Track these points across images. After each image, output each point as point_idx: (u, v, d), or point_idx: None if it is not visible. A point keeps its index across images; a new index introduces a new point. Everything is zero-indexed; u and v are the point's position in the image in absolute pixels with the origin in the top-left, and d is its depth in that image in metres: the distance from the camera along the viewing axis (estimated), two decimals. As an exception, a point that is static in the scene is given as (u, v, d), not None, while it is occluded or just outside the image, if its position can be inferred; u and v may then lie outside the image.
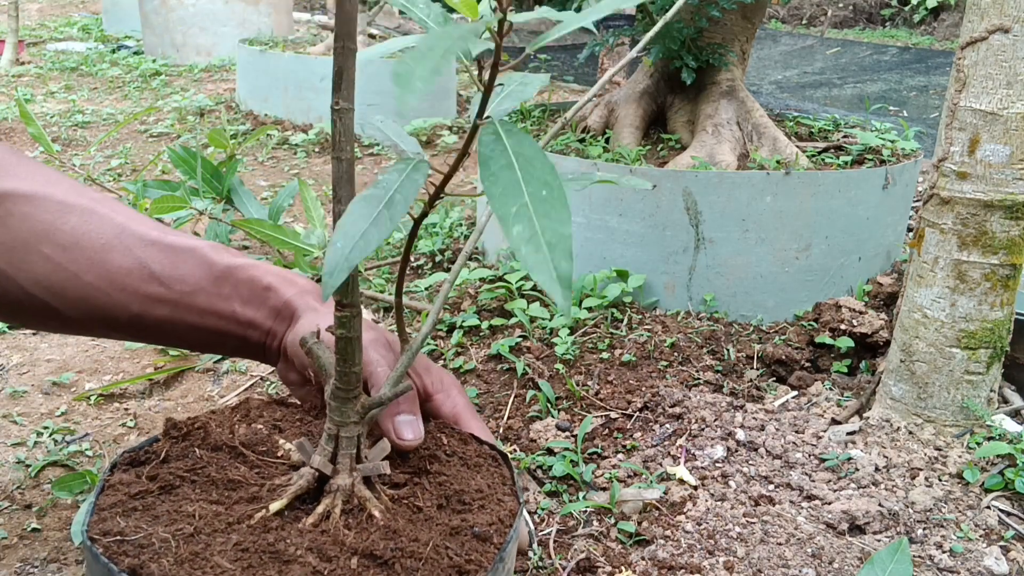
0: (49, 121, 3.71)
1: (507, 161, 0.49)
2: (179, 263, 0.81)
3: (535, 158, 0.49)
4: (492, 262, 1.86)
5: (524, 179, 0.48)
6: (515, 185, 0.48)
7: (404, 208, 0.51)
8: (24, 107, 1.94)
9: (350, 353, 0.63)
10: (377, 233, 0.50)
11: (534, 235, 0.45)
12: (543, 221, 0.46)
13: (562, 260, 0.45)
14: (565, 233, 0.45)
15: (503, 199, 0.47)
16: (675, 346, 1.49)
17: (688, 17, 1.87)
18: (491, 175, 0.48)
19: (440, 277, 1.75)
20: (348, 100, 0.56)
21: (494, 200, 0.47)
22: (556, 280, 0.44)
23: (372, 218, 0.51)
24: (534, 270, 0.44)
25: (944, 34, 7.53)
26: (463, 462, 0.75)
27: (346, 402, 0.65)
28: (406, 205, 0.52)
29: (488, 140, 0.51)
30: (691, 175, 1.58)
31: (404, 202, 0.52)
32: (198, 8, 5.37)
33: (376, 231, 0.50)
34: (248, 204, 2.00)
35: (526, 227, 0.46)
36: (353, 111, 0.57)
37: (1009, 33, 1.11)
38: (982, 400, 1.26)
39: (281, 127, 3.63)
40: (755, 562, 1.01)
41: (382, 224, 0.50)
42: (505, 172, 0.48)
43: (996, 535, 1.09)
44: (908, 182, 1.76)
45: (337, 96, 0.56)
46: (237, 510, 0.64)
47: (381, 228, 0.50)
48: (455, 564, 0.61)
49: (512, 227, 0.46)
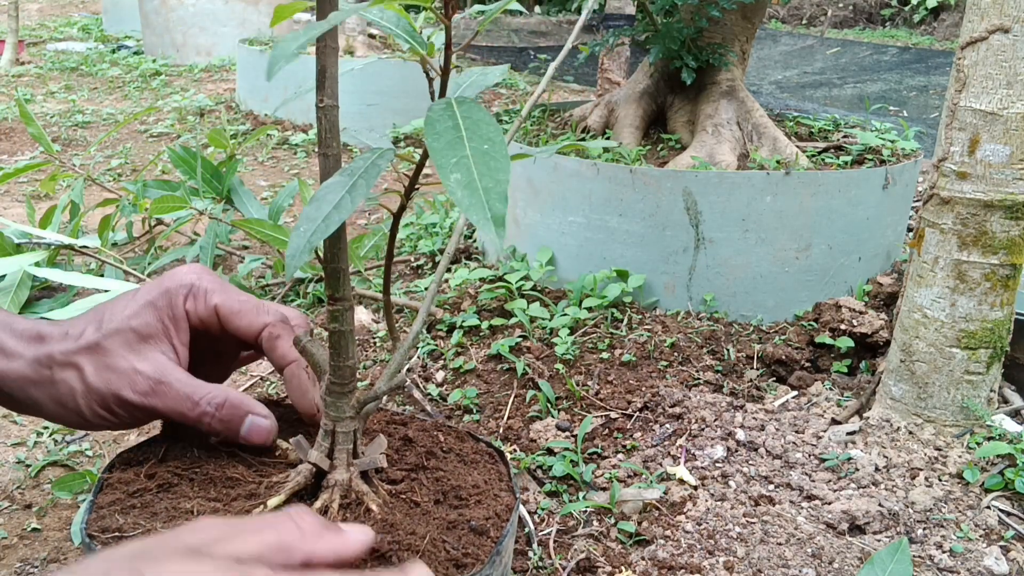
0: (49, 121, 3.71)
1: (454, 123, 0.51)
2: None
3: (483, 121, 0.52)
4: (492, 262, 1.86)
5: (468, 137, 0.50)
6: (458, 142, 0.50)
7: (365, 191, 0.53)
8: (24, 107, 1.94)
9: (344, 347, 0.63)
10: (338, 216, 0.52)
11: (471, 181, 0.48)
12: (481, 169, 0.48)
13: (496, 202, 0.47)
14: (502, 179, 0.48)
15: (444, 152, 0.50)
16: (675, 346, 1.49)
17: (688, 17, 1.87)
18: (435, 134, 0.51)
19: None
20: (332, 97, 0.57)
21: (435, 153, 0.49)
22: (490, 220, 0.46)
23: (335, 203, 0.52)
24: (469, 210, 0.46)
25: (944, 34, 7.53)
26: (460, 458, 0.75)
27: (341, 397, 0.65)
28: (368, 188, 0.53)
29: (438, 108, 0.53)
30: (691, 175, 1.58)
31: (366, 185, 0.53)
32: (198, 8, 5.37)
33: (337, 214, 0.52)
34: (248, 204, 2.00)
35: (464, 175, 0.48)
36: (337, 108, 0.58)
37: (1009, 33, 1.11)
38: (982, 400, 1.25)
39: (281, 127, 3.63)
40: (755, 562, 1.01)
41: (343, 207, 0.52)
42: (450, 131, 0.51)
43: (996, 535, 1.09)
44: (908, 182, 1.76)
45: (321, 94, 0.57)
46: (235, 507, 0.64)
47: (342, 211, 0.52)
48: (452, 558, 0.61)
49: (450, 175, 0.48)
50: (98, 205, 2.09)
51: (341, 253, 0.62)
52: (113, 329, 0.68)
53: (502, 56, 6.04)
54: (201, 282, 0.71)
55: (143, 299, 0.70)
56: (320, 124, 0.58)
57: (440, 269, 0.69)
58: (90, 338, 0.68)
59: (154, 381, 0.67)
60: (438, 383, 1.45)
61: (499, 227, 0.46)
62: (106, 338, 0.68)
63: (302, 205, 2.04)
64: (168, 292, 0.70)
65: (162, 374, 0.67)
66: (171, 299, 0.70)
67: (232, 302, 0.71)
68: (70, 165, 2.18)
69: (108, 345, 0.68)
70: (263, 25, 5.54)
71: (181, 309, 0.70)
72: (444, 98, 0.55)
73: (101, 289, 1.75)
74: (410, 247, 2.04)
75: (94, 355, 0.68)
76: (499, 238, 0.45)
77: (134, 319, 0.69)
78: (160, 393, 0.67)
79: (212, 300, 0.70)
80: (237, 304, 0.71)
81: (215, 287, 0.71)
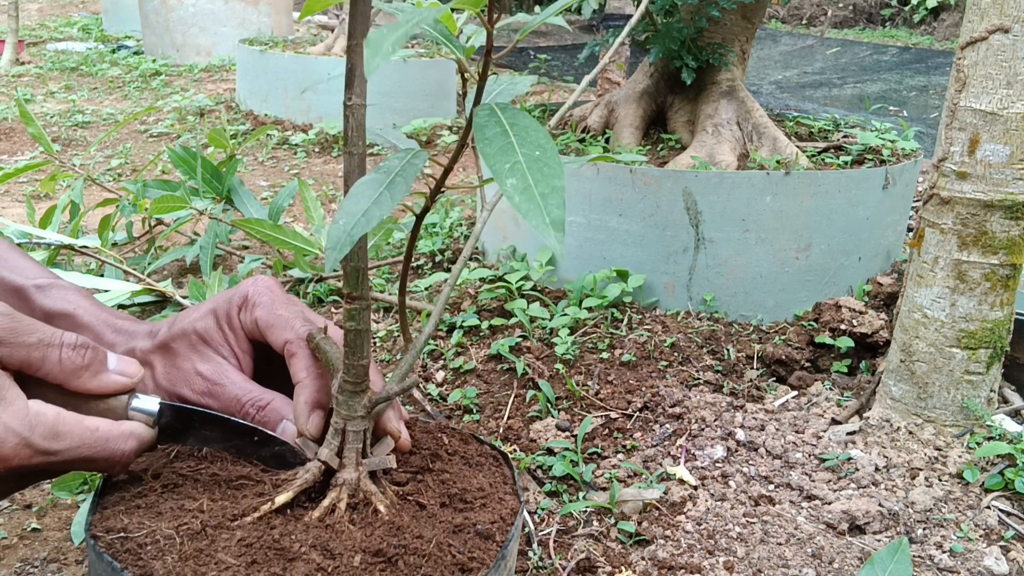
0: (49, 121, 3.71)
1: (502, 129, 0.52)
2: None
3: (530, 127, 0.53)
4: (492, 262, 1.87)
5: (518, 143, 0.51)
6: (509, 147, 0.51)
7: (405, 190, 0.54)
8: (24, 107, 1.94)
9: (359, 346, 0.64)
10: (378, 211, 0.52)
11: (527, 187, 0.49)
12: (536, 175, 0.49)
13: (554, 208, 0.48)
14: (558, 185, 0.49)
15: (497, 157, 0.50)
16: (675, 346, 1.49)
17: (688, 17, 1.87)
18: (486, 139, 0.52)
19: (440, 277, 1.75)
20: (360, 96, 0.58)
21: (488, 158, 0.50)
22: (549, 224, 0.47)
23: (374, 198, 0.53)
24: (528, 215, 0.47)
25: (944, 34, 7.53)
26: (465, 461, 0.75)
27: (353, 395, 0.65)
28: (407, 187, 0.54)
29: (483, 114, 0.54)
30: (691, 175, 1.58)
31: (405, 184, 0.54)
32: (198, 8, 5.37)
33: (377, 209, 0.52)
34: (248, 204, 2.00)
35: (520, 180, 0.49)
36: (365, 107, 0.59)
37: (1009, 33, 1.11)
38: (982, 400, 1.26)
39: (281, 127, 3.63)
40: (755, 562, 1.01)
41: (383, 204, 0.53)
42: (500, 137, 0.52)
43: (996, 535, 1.09)
44: (908, 182, 1.76)
45: (350, 92, 0.58)
46: (242, 505, 0.64)
47: (382, 207, 0.52)
48: (458, 562, 0.61)
49: (506, 180, 0.49)
50: (98, 205, 2.09)
51: (362, 252, 0.62)
52: (180, 331, 0.73)
53: (502, 56, 6.04)
54: (254, 294, 0.75)
55: (209, 305, 0.75)
56: (347, 122, 0.59)
57: (455, 271, 0.69)
58: (163, 338, 0.73)
59: (210, 382, 0.71)
60: (438, 383, 1.45)
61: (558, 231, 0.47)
62: (174, 339, 0.73)
63: (302, 205, 2.03)
64: (228, 301, 0.74)
65: (218, 376, 0.71)
66: (228, 308, 0.74)
67: (269, 315, 0.74)
68: (70, 165, 2.18)
69: (175, 346, 0.73)
70: (263, 25, 5.54)
71: (236, 319, 0.74)
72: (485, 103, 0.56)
73: (101, 289, 1.75)
74: (410, 247, 2.04)
75: (164, 355, 0.73)
76: (559, 243, 0.46)
77: (198, 323, 0.73)
78: (215, 394, 0.71)
79: (255, 313, 0.74)
80: (272, 318, 0.73)
81: (264, 300, 0.74)
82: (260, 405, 0.70)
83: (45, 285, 0.77)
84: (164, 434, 0.68)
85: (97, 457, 0.62)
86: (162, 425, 0.68)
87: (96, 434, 0.61)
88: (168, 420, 0.68)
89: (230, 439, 0.70)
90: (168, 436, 0.69)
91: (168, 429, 0.68)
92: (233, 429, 0.69)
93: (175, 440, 0.69)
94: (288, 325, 0.73)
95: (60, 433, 0.60)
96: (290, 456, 0.69)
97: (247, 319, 0.74)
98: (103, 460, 0.62)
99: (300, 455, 0.68)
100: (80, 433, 0.61)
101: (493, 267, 1.81)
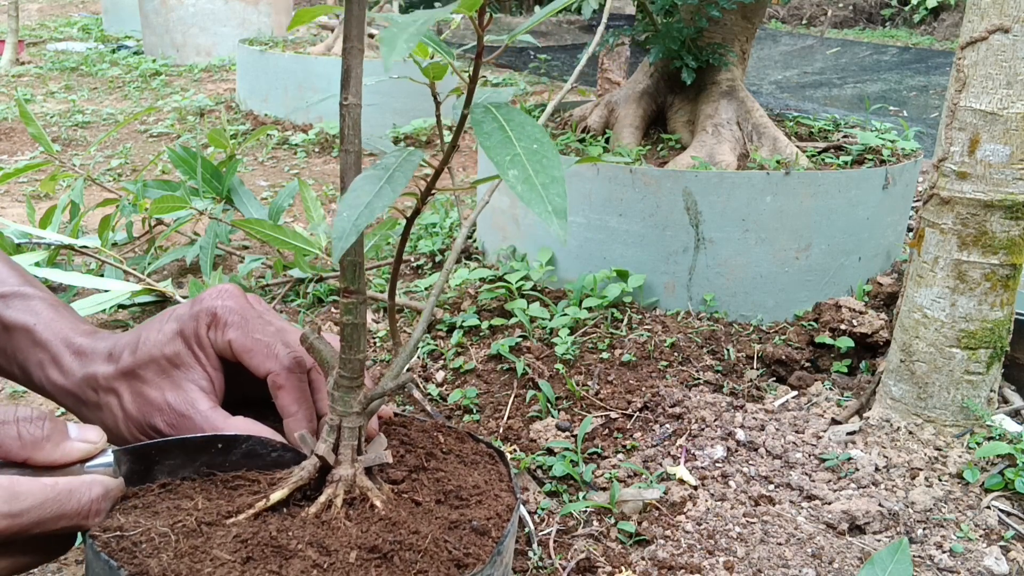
0: (49, 121, 3.71)
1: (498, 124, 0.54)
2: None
3: (525, 122, 0.54)
4: (492, 262, 1.86)
5: (516, 137, 0.53)
6: (507, 141, 0.53)
7: (404, 182, 0.55)
8: (24, 107, 1.94)
9: (355, 340, 0.64)
10: (380, 203, 0.53)
11: (528, 177, 0.50)
12: (535, 167, 0.51)
13: (556, 196, 0.49)
14: (558, 176, 0.51)
15: (497, 149, 0.52)
16: (675, 346, 1.49)
17: (688, 17, 1.87)
18: (484, 134, 0.53)
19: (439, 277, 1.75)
20: (356, 96, 0.59)
21: (489, 151, 0.52)
22: (551, 212, 0.49)
23: (375, 192, 0.54)
24: (531, 204, 0.49)
25: (944, 34, 7.53)
26: (460, 459, 0.75)
27: (349, 391, 0.65)
28: (406, 179, 0.55)
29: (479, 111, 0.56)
30: (691, 175, 1.58)
31: (404, 177, 0.55)
32: (198, 8, 5.37)
33: (379, 201, 0.53)
34: (248, 204, 2.00)
35: (520, 171, 0.51)
36: (360, 107, 0.59)
37: (1009, 33, 1.11)
38: (982, 400, 1.26)
39: (281, 127, 3.63)
40: (755, 562, 1.01)
41: (384, 196, 0.54)
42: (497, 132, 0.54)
43: (996, 535, 1.09)
44: (908, 182, 1.76)
45: (346, 92, 0.59)
46: (238, 502, 0.64)
47: (383, 199, 0.53)
48: (454, 558, 0.61)
49: (508, 171, 0.51)
50: (98, 205, 2.09)
51: (359, 246, 0.63)
52: (146, 355, 0.70)
53: (502, 56, 6.05)
54: (224, 312, 0.71)
55: (173, 326, 0.71)
56: (343, 122, 0.59)
57: (445, 270, 0.69)
58: (126, 363, 0.70)
59: (178, 414, 0.69)
60: (438, 383, 1.45)
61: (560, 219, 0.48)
62: (140, 366, 0.70)
63: (302, 205, 2.03)
64: (195, 318, 0.71)
65: (187, 407, 0.69)
66: (196, 327, 0.71)
67: (246, 339, 0.71)
68: (70, 165, 2.18)
69: (142, 373, 0.70)
70: (263, 25, 5.54)
71: (205, 338, 0.71)
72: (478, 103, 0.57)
73: (101, 289, 1.75)
74: (410, 247, 2.04)
75: (130, 382, 0.70)
76: (562, 230, 0.48)
77: (166, 347, 0.70)
78: (184, 427, 0.69)
79: (228, 335, 0.71)
80: (250, 342, 0.71)
81: (235, 320, 0.71)
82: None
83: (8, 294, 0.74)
84: (130, 481, 0.66)
85: (65, 511, 0.59)
86: (125, 473, 0.65)
87: (56, 487, 0.59)
88: (128, 465, 0.65)
89: (195, 458, 0.68)
90: (133, 482, 0.66)
91: (132, 475, 0.66)
92: (194, 447, 0.67)
93: (141, 482, 0.67)
94: (270, 353, 0.70)
95: (18, 493, 0.57)
96: (260, 448, 0.68)
97: (219, 339, 0.71)
98: (72, 513, 0.60)
99: (269, 444, 0.68)
100: (39, 490, 0.58)
101: (493, 267, 1.81)
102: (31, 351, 0.73)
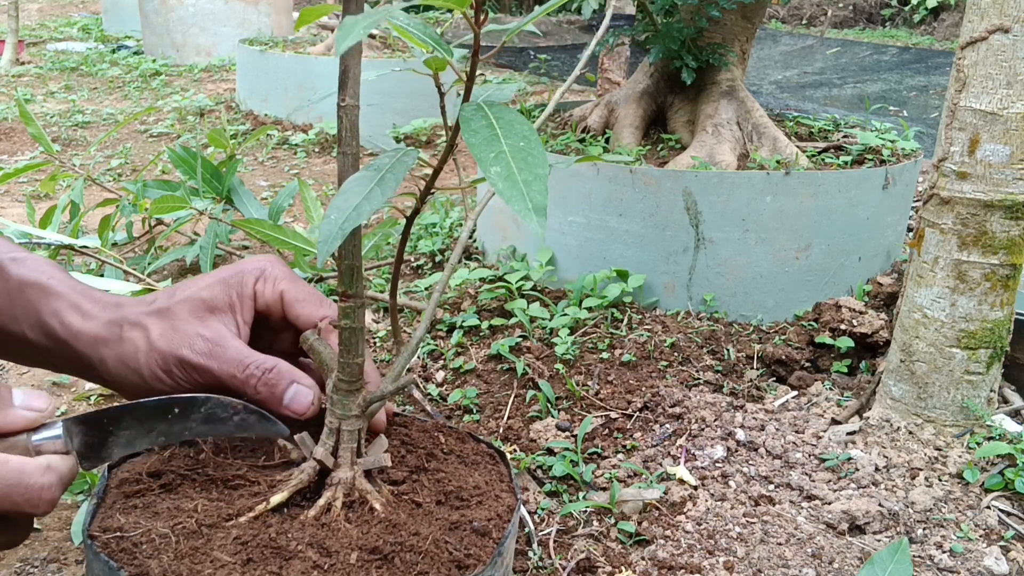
0: (49, 121, 3.71)
1: (487, 122, 0.54)
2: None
3: (515, 120, 0.54)
4: (492, 262, 1.86)
5: (503, 134, 0.53)
6: (494, 138, 0.53)
7: (395, 185, 0.54)
8: (24, 107, 1.94)
9: (354, 344, 0.64)
10: (368, 206, 0.53)
11: (511, 174, 0.50)
12: (520, 164, 0.51)
13: (536, 194, 0.49)
14: (541, 174, 0.51)
15: (482, 147, 0.52)
16: (675, 346, 1.49)
17: (688, 17, 1.87)
18: (472, 131, 0.53)
19: (440, 277, 1.75)
20: (353, 97, 0.59)
21: (474, 148, 0.52)
22: (531, 209, 0.49)
23: (364, 194, 0.54)
24: (511, 201, 0.49)
25: (944, 34, 7.53)
26: (461, 460, 0.75)
27: (348, 395, 0.65)
28: (397, 182, 0.55)
29: (470, 108, 0.56)
30: (691, 175, 1.58)
31: (395, 180, 0.55)
32: (198, 8, 5.37)
33: (368, 204, 0.53)
34: (248, 204, 2.00)
35: (504, 168, 0.51)
36: (358, 108, 0.59)
37: (1009, 33, 1.11)
38: (982, 400, 1.26)
39: (281, 127, 3.63)
40: (755, 562, 1.01)
41: (374, 198, 0.53)
42: (485, 129, 0.54)
43: (996, 535, 1.09)
44: (908, 182, 1.76)
45: (343, 94, 0.59)
46: (238, 504, 0.64)
47: (373, 202, 0.53)
48: (455, 559, 0.61)
49: (490, 168, 0.51)
50: (98, 205, 2.09)
51: (356, 250, 0.63)
52: (184, 297, 0.72)
53: (502, 56, 6.04)
54: (273, 269, 0.75)
55: (217, 276, 0.74)
56: (341, 123, 0.59)
57: (448, 269, 0.69)
58: (161, 304, 0.72)
59: (212, 343, 0.70)
60: (438, 383, 1.45)
61: (540, 216, 0.48)
62: (176, 304, 0.72)
63: (302, 205, 2.04)
64: (241, 272, 0.74)
65: (220, 338, 0.70)
66: (243, 278, 0.74)
67: (298, 291, 0.74)
68: (70, 165, 2.18)
69: (176, 310, 0.72)
70: (263, 25, 5.54)
71: (251, 288, 0.74)
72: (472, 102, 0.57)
73: (101, 289, 1.75)
74: (410, 247, 2.04)
75: (162, 318, 0.71)
76: (540, 227, 0.48)
77: (205, 291, 0.73)
78: (216, 355, 0.69)
79: (280, 286, 0.74)
80: (303, 293, 0.74)
81: (284, 275, 0.75)
82: (266, 367, 0.69)
83: (20, 258, 0.75)
84: (83, 456, 0.63)
85: (13, 494, 0.56)
86: (77, 447, 0.62)
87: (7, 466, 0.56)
88: (81, 437, 0.62)
89: (151, 426, 0.64)
90: (88, 456, 0.63)
91: (85, 448, 0.63)
92: (148, 413, 0.64)
93: (97, 457, 0.64)
94: (324, 301, 0.74)
95: None
96: (221, 411, 0.65)
97: (269, 291, 0.74)
98: (21, 497, 0.57)
99: (231, 406, 0.65)
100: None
101: (493, 267, 1.81)
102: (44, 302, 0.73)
